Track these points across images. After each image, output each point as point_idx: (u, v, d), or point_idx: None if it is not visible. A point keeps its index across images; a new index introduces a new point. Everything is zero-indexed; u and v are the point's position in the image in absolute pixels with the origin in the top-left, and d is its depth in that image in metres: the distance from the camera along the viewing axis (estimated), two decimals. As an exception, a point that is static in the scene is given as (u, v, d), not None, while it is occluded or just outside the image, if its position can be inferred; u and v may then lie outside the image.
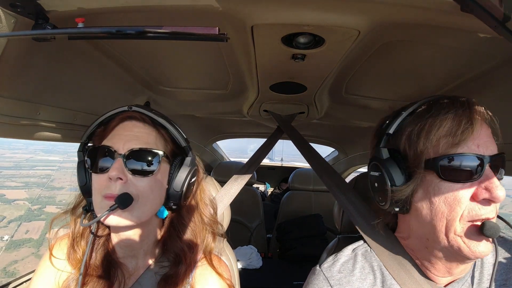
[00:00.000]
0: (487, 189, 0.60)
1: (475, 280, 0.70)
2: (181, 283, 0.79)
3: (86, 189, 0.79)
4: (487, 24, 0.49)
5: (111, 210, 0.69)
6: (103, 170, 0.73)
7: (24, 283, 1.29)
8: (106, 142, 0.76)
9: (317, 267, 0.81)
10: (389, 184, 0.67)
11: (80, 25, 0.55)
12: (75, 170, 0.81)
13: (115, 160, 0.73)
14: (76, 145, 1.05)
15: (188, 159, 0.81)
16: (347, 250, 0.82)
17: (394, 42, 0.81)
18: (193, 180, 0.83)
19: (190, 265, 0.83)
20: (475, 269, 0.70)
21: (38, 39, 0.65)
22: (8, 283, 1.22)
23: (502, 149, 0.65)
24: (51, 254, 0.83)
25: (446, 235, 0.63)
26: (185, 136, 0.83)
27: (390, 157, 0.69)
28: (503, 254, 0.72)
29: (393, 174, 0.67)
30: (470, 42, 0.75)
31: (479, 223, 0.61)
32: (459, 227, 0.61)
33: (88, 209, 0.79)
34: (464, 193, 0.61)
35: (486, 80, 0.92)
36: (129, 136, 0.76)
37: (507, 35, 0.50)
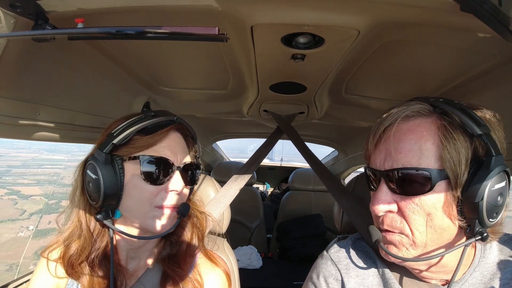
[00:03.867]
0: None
1: (476, 281, 0.69)
2: (183, 277, 0.80)
3: (114, 196, 0.73)
4: (487, 24, 0.49)
5: (179, 219, 0.77)
6: (159, 181, 0.73)
7: (24, 284, 1.29)
8: (158, 153, 0.74)
9: (325, 252, 0.84)
10: None
11: (80, 25, 0.54)
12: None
13: (174, 173, 0.75)
14: (79, 145, 1.03)
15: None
16: (352, 238, 0.86)
17: (394, 42, 0.81)
18: None
19: (190, 247, 0.86)
20: (475, 270, 0.70)
21: (38, 39, 0.65)
22: (8, 284, 1.22)
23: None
24: (47, 260, 0.82)
25: None
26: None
27: None
28: (509, 253, 0.71)
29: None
30: (470, 42, 0.75)
31: None
32: None
33: (107, 216, 0.74)
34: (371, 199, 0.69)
35: (486, 80, 0.92)
36: (178, 148, 0.78)
37: (507, 34, 0.50)
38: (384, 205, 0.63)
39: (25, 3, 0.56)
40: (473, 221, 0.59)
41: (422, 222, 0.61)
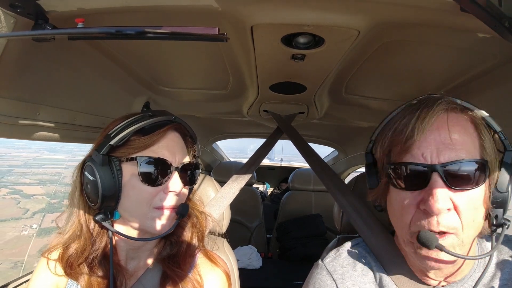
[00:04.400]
0: (424, 200, 0.59)
1: (473, 283, 0.69)
2: (182, 277, 0.80)
3: (112, 197, 0.72)
4: (487, 24, 0.49)
5: (178, 220, 0.76)
6: (158, 182, 0.73)
7: (24, 283, 1.29)
8: (156, 154, 0.73)
9: (320, 262, 0.82)
10: (368, 186, 0.74)
11: (80, 25, 0.55)
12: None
13: (172, 174, 0.75)
14: (79, 145, 1.03)
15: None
16: (348, 245, 0.83)
17: (394, 42, 0.81)
18: None
19: (190, 248, 0.85)
20: (476, 270, 0.70)
21: (38, 39, 0.65)
22: (8, 283, 1.22)
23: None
24: (48, 260, 0.81)
25: (403, 240, 0.66)
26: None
27: (372, 162, 0.74)
28: (508, 253, 0.71)
29: (369, 178, 0.74)
30: (470, 42, 0.75)
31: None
32: (409, 234, 0.63)
33: (106, 217, 0.74)
34: (410, 201, 0.62)
35: (486, 80, 0.92)
36: (176, 148, 0.77)
37: (507, 35, 0.50)
38: (444, 203, 0.57)
39: (25, 3, 0.56)
40: (500, 211, 0.62)
41: (471, 218, 0.60)
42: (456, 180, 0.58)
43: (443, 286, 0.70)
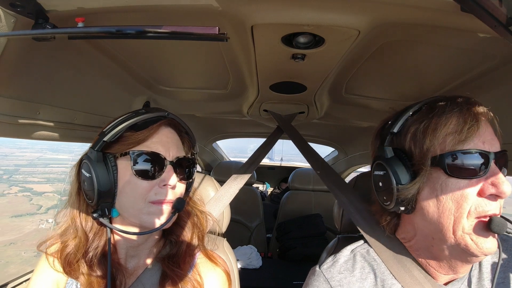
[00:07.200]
0: (493, 184, 0.60)
1: (474, 280, 0.70)
2: (182, 277, 0.80)
3: (108, 193, 0.73)
4: (487, 24, 0.49)
5: (174, 214, 0.76)
6: (152, 177, 0.73)
7: (24, 283, 1.29)
8: (149, 148, 0.74)
9: (317, 268, 0.80)
10: (395, 183, 0.67)
11: (80, 24, 0.55)
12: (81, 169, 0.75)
13: (166, 168, 0.75)
14: (81, 144, 1.03)
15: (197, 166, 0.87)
16: (346, 251, 0.82)
17: (394, 42, 0.81)
18: None
19: (190, 247, 0.85)
20: (473, 268, 0.70)
21: (38, 38, 0.65)
22: (7, 283, 1.22)
23: (503, 148, 0.65)
24: (47, 256, 0.82)
25: (454, 233, 0.63)
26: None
27: (395, 156, 0.69)
28: (503, 253, 0.72)
29: (399, 173, 0.67)
30: (470, 42, 0.75)
31: (486, 219, 0.61)
32: (467, 224, 0.62)
33: (104, 214, 0.74)
34: (471, 189, 0.61)
35: (486, 80, 0.92)
36: (170, 143, 0.78)
37: (507, 35, 0.50)
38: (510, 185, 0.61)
39: (25, 2, 0.56)
40: None
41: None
42: (501, 169, 0.63)
43: (445, 283, 0.71)
